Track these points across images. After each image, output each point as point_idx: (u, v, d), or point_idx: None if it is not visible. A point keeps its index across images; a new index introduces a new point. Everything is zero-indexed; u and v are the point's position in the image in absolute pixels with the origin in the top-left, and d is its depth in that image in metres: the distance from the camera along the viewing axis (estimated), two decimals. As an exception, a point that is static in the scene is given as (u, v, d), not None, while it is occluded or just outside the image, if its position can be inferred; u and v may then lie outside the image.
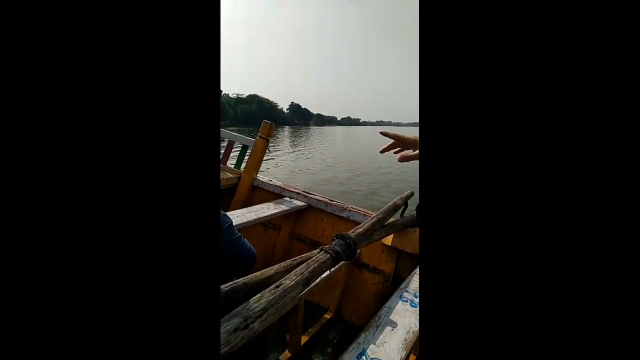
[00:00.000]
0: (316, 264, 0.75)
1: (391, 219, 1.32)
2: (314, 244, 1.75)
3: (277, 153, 11.10)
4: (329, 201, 1.73)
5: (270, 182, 1.91)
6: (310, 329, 1.41)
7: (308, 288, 0.77)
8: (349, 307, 1.58)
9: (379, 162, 10.77)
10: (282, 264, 0.80)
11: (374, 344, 0.76)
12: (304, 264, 0.75)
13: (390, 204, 1.33)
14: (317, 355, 1.31)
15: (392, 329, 0.83)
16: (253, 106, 51.89)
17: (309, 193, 1.81)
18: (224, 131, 2.05)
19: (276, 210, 1.58)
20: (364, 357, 0.72)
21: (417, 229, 1.41)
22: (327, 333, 1.45)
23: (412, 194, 1.50)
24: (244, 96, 56.60)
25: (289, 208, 1.65)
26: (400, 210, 1.41)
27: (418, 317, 0.89)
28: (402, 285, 1.05)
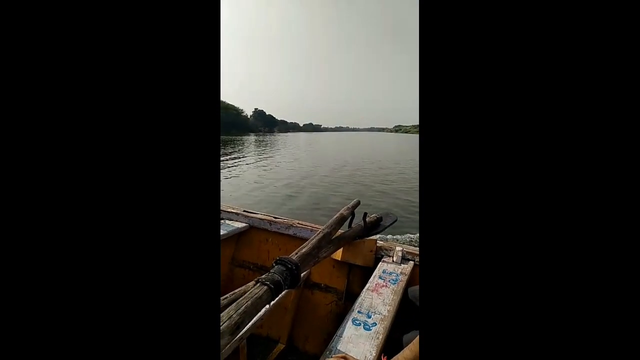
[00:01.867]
0: (249, 302, 0.61)
1: (339, 232, 1.23)
2: (260, 269, 1.58)
3: (240, 166, 10.29)
4: (273, 219, 1.59)
5: None
6: (259, 368, 1.23)
7: (242, 331, 0.62)
8: (302, 334, 1.44)
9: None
10: None
11: None
12: (234, 304, 0.60)
13: (336, 216, 1.24)
14: (269, 398, 1.14)
15: None
16: None
17: (250, 212, 1.65)
18: None
19: None
20: None
21: (366, 239, 1.33)
22: (279, 369, 1.29)
23: (358, 203, 1.43)
24: None
25: (227, 232, 1.47)
26: (348, 221, 1.33)
27: (373, 341, 0.79)
28: (354, 306, 0.95)
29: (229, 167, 9.81)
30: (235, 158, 11.96)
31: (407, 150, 23.35)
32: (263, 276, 0.73)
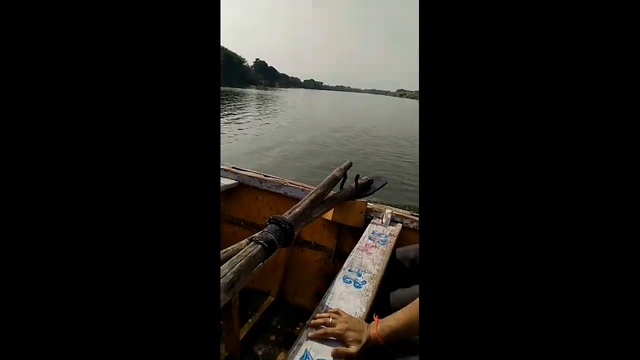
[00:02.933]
0: (243, 260, 0.61)
1: (330, 193, 1.23)
2: (250, 226, 1.59)
3: (243, 125, 9.52)
4: (264, 177, 1.57)
5: None
6: (250, 319, 1.29)
7: (234, 288, 0.63)
8: (292, 288, 1.50)
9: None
10: None
11: (318, 340, 0.67)
12: (227, 262, 0.60)
13: (329, 177, 1.23)
14: (260, 346, 1.20)
15: None
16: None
17: (239, 169, 1.61)
18: None
19: None
20: None
21: (356, 201, 1.34)
22: (269, 320, 1.35)
23: (350, 165, 1.41)
24: None
25: None
26: (340, 182, 1.32)
27: (363, 298, 0.82)
28: (345, 265, 0.97)
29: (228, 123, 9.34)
30: (237, 117, 11.32)
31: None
32: (257, 234, 0.72)
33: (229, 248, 0.71)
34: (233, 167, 1.61)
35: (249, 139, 7.42)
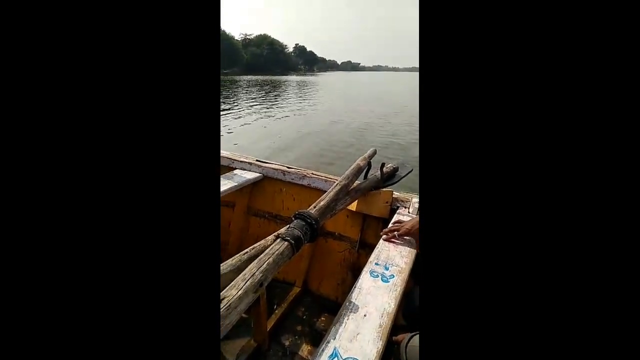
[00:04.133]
0: (271, 259, 0.60)
1: (355, 183, 1.20)
2: (274, 218, 1.59)
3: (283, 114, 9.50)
4: (287, 169, 1.56)
5: None
6: (276, 310, 1.30)
7: (263, 287, 0.62)
8: (316, 278, 1.50)
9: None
10: (229, 262, 0.64)
11: (346, 338, 0.65)
12: (255, 261, 0.59)
13: (353, 166, 1.19)
14: (287, 337, 1.22)
15: (365, 315, 0.72)
16: (263, 49, 42.75)
17: (263, 162, 1.61)
18: None
19: (227, 187, 1.37)
20: (336, 359, 0.61)
21: (382, 191, 1.30)
22: (295, 310, 1.36)
23: (374, 153, 1.37)
24: (252, 37, 45.68)
25: (241, 182, 1.45)
26: (364, 172, 1.29)
27: (391, 293, 0.80)
28: (371, 258, 0.95)
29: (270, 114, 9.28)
30: (279, 106, 11.28)
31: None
32: (282, 230, 0.71)
33: (255, 245, 0.70)
34: (257, 160, 1.61)
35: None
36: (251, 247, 0.70)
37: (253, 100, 13.57)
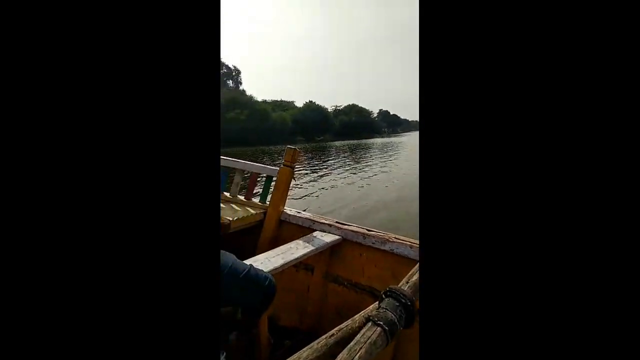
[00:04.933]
0: (363, 349, 0.51)
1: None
2: (354, 287, 1.49)
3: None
4: (367, 232, 1.48)
5: (299, 215, 1.70)
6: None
7: None
8: None
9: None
10: (314, 346, 0.57)
11: None
12: (346, 350, 0.51)
13: None
14: None
15: None
16: (352, 116, 47.54)
17: (342, 223, 1.57)
18: (245, 163, 1.91)
19: (307, 250, 1.35)
20: None
21: None
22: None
23: None
24: (342, 107, 50.98)
25: (321, 245, 1.43)
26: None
27: None
28: None
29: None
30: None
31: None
32: (374, 312, 0.62)
33: (342, 326, 0.63)
34: (337, 222, 1.58)
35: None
36: (337, 328, 0.63)
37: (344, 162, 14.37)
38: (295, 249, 1.35)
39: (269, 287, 0.84)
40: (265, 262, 1.21)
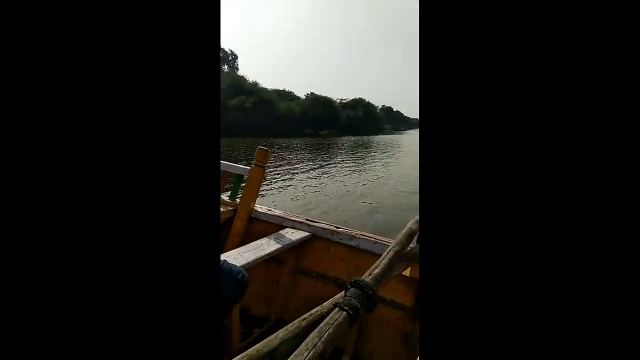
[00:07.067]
0: (331, 330, 0.60)
1: (408, 247, 1.17)
2: (322, 278, 1.58)
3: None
4: (335, 229, 1.58)
5: (269, 212, 1.76)
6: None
7: (325, 358, 0.61)
8: (368, 348, 1.40)
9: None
10: (289, 328, 0.65)
11: None
12: (317, 330, 0.60)
13: (404, 230, 1.18)
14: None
15: None
16: (359, 111, 43.68)
17: (312, 221, 1.66)
18: (222, 162, 1.92)
19: (277, 246, 1.42)
20: None
21: None
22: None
23: None
24: (347, 101, 46.23)
25: (291, 241, 1.50)
26: (416, 236, 1.26)
27: None
28: None
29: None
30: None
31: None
32: (340, 300, 0.71)
33: (312, 312, 0.71)
34: (307, 219, 1.67)
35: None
36: (308, 313, 0.71)
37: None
38: (266, 245, 1.41)
39: (242, 280, 0.91)
40: (238, 257, 1.26)
